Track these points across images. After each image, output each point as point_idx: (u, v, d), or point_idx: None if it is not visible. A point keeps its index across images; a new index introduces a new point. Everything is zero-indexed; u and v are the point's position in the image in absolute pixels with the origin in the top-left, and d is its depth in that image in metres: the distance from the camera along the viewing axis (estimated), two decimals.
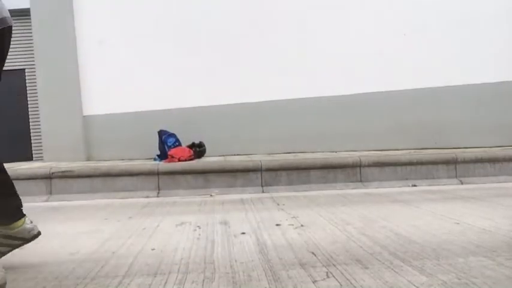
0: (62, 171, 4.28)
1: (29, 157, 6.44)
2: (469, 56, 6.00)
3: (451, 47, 6.04)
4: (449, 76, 6.00)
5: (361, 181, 4.41)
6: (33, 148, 6.48)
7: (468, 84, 6.01)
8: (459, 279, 1.57)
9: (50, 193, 4.23)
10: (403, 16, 6.07)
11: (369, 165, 4.45)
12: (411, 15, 6.08)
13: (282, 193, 4.07)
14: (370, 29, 6.06)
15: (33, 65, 6.09)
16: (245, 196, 3.99)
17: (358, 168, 4.44)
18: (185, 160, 4.93)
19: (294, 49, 5.95)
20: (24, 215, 1.93)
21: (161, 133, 5.55)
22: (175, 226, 2.68)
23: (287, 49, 5.93)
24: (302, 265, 1.80)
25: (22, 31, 6.40)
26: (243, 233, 2.43)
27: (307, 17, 6.06)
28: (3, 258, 1.86)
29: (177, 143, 5.48)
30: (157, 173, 4.31)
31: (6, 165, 1.93)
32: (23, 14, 6.23)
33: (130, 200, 4.02)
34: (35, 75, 6.13)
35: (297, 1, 6.07)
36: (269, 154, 5.58)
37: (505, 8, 6.10)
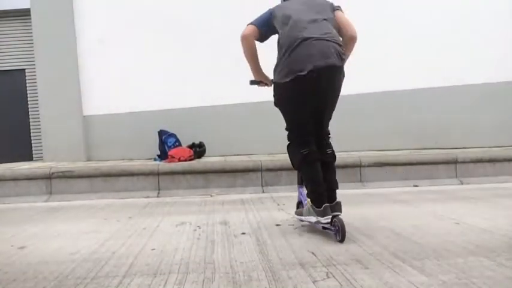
0: (62, 172, 4.28)
1: (29, 157, 6.42)
2: (469, 56, 6.00)
3: (450, 47, 6.03)
4: (449, 76, 6.00)
5: (361, 181, 4.41)
6: (33, 148, 6.46)
7: (468, 84, 6.01)
8: (459, 279, 1.57)
9: (50, 193, 4.23)
10: (403, 16, 6.07)
11: (369, 166, 4.45)
12: (411, 15, 6.07)
13: (282, 193, 4.07)
14: (370, 29, 6.04)
15: (33, 65, 6.08)
16: (245, 196, 3.99)
17: (358, 169, 4.44)
18: (185, 160, 4.93)
19: None
20: None
21: (161, 133, 5.56)
22: (176, 226, 2.68)
23: None
24: (302, 265, 1.80)
25: (22, 31, 6.39)
26: (243, 233, 2.43)
27: None
28: (2, 257, 1.86)
29: (177, 143, 5.48)
30: (157, 173, 4.31)
31: (6, 165, 1.93)
32: (23, 14, 6.22)
33: (130, 200, 4.02)
34: (35, 75, 6.12)
35: None
36: (269, 154, 5.57)
37: (505, 8, 6.10)
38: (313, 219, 2.29)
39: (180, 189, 4.27)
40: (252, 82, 2.73)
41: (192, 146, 5.46)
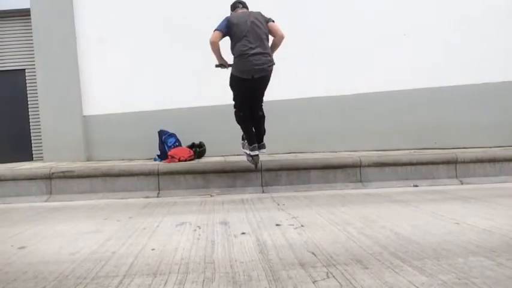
0: (62, 172, 4.28)
1: (29, 157, 6.42)
2: (469, 56, 6.00)
3: (451, 47, 6.03)
4: (449, 76, 6.00)
5: (361, 181, 4.41)
6: (33, 148, 6.46)
7: (468, 84, 6.01)
8: (459, 279, 1.57)
9: (50, 193, 4.23)
10: (403, 16, 6.07)
11: (369, 165, 4.45)
12: (411, 15, 6.07)
13: (282, 193, 4.07)
14: (370, 29, 6.05)
15: (33, 65, 6.09)
16: (245, 196, 3.99)
17: (358, 169, 4.43)
18: (185, 160, 4.93)
19: (294, 49, 5.94)
20: None
21: (161, 133, 5.55)
22: (176, 226, 2.68)
23: (287, 49, 5.90)
24: (302, 265, 1.80)
25: (22, 31, 6.39)
26: (243, 233, 2.43)
27: (307, 17, 6.06)
28: (2, 257, 1.86)
29: (177, 143, 5.47)
30: (157, 173, 4.31)
31: (6, 165, 1.95)
32: (23, 14, 6.22)
33: (130, 200, 4.02)
34: (35, 75, 6.13)
35: (298, 1, 6.07)
36: (269, 154, 5.57)
37: (505, 8, 6.10)
38: (248, 152, 3.96)
39: (180, 189, 4.27)
40: (217, 65, 3.98)
41: (192, 146, 5.46)
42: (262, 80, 3.75)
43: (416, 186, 4.28)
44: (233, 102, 3.99)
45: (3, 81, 6.47)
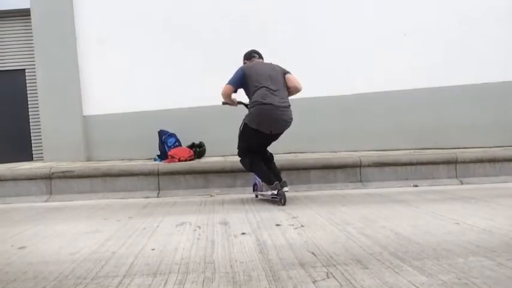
0: (62, 172, 4.28)
1: (29, 157, 6.42)
2: (469, 56, 6.00)
3: (450, 47, 6.03)
4: (449, 76, 6.00)
5: (361, 181, 4.41)
6: (33, 148, 6.46)
7: (468, 84, 6.01)
8: (459, 279, 1.57)
9: (50, 193, 4.23)
10: (403, 16, 6.07)
11: (369, 165, 4.45)
12: (411, 15, 6.07)
13: None
14: (370, 29, 6.06)
15: (33, 65, 6.09)
16: (245, 196, 3.98)
17: (358, 168, 4.43)
18: (185, 160, 4.93)
19: (294, 49, 5.95)
20: None
21: (161, 133, 5.55)
22: (175, 226, 2.68)
23: (287, 49, 5.92)
24: (302, 265, 1.80)
25: (22, 31, 6.40)
26: (243, 233, 2.43)
27: (307, 17, 6.06)
28: (2, 257, 1.85)
29: (177, 143, 5.48)
30: (157, 173, 4.31)
31: (6, 165, 1.95)
32: (23, 14, 6.23)
33: (130, 200, 4.02)
34: (35, 75, 6.13)
35: (298, 1, 6.07)
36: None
37: (505, 8, 6.10)
38: (269, 192, 3.45)
39: (180, 189, 4.27)
40: (224, 103, 3.79)
41: (192, 146, 5.46)
42: (279, 134, 3.52)
43: (416, 186, 4.29)
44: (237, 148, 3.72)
45: (3, 81, 6.48)
